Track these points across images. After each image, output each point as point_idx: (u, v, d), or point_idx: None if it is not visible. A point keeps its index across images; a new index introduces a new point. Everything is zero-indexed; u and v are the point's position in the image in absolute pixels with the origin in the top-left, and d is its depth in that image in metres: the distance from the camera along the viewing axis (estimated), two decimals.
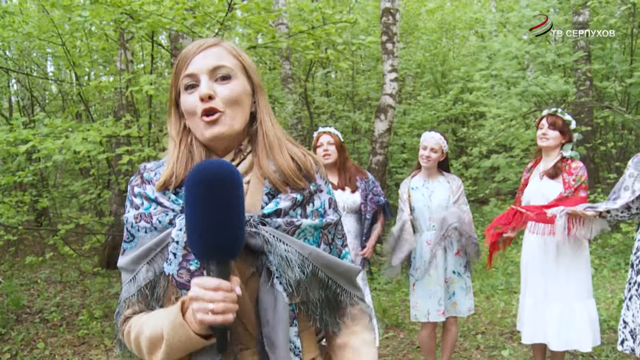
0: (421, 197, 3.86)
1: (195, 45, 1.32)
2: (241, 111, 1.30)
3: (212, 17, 4.88)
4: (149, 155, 4.44)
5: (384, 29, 8.23)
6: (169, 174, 1.29)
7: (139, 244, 1.29)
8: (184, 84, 1.29)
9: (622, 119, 7.50)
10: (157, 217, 1.26)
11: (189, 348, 1.18)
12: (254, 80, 1.36)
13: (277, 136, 1.35)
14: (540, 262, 3.66)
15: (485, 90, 9.35)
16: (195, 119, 1.28)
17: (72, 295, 6.79)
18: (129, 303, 1.31)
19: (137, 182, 1.36)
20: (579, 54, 7.58)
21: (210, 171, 1.09)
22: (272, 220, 1.24)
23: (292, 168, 1.32)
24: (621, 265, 6.75)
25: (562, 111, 3.72)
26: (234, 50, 1.35)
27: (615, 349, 4.38)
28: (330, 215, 1.37)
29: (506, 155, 8.58)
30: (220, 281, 1.10)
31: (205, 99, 1.25)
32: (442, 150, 3.84)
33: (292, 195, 1.30)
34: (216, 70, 1.28)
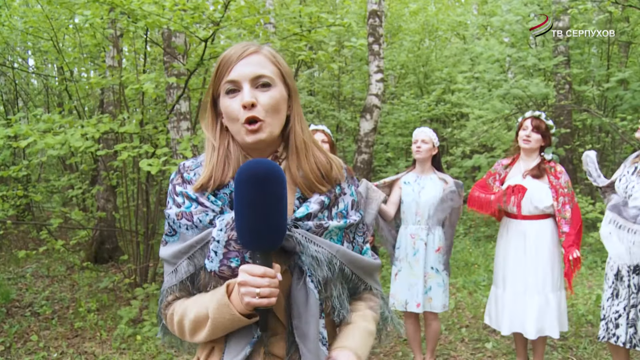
0: (411, 191, 4.02)
1: (237, 52, 1.39)
2: (279, 117, 1.41)
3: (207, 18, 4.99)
4: (148, 151, 4.53)
5: (371, 31, 8.40)
6: (208, 176, 1.39)
7: (181, 239, 1.41)
8: (226, 88, 1.39)
9: (599, 121, 7.78)
10: (198, 217, 1.37)
11: (233, 326, 1.32)
12: (290, 86, 1.46)
13: (306, 142, 1.45)
14: (519, 255, 3.84)
15: (467, 91, 9.58)
16: (237, 124, 1.38)
17: (61, 289, 6.84)
18: (171, 291, 1.44)
19: (178, 182, 1.45)
20: (559, 59, 7.83)
21: (261, 168, 1.22)
22: (304, 223, 1.37)
23: (316, 174, 1.43)
24: (597, 263, 7.02)
25: (545, 116, 3.93)
26: (273, 57, 1.43)
27: (593, 341, 4.62)
28: (353, 216, 1.49)
29: (488, 155, 8.81)
30: (266, 268, 1.25)
31: (248, 107, 1.34)
32: (433, 143, 4.01)
33: (320, 199, 1.42)
34: (257, 79, 1.37)
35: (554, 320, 3.78)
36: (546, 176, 3.80)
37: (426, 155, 4.02)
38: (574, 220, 3.73)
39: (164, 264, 1.47)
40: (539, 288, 3.78)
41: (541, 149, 3.90)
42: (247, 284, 1.24)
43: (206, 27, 5.07)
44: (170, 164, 4.42)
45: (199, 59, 5.13)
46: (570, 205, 3.74)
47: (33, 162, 5.42)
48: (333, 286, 1.41)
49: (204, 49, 5.05)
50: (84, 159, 7.99)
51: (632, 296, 3.33)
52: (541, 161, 3.87)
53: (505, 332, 3.90)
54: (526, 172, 3.88)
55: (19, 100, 11.44)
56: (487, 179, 4.10)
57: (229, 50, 1.42)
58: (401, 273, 4.02)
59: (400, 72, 12.46)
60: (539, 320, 3.77)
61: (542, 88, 7.21)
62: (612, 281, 3.46)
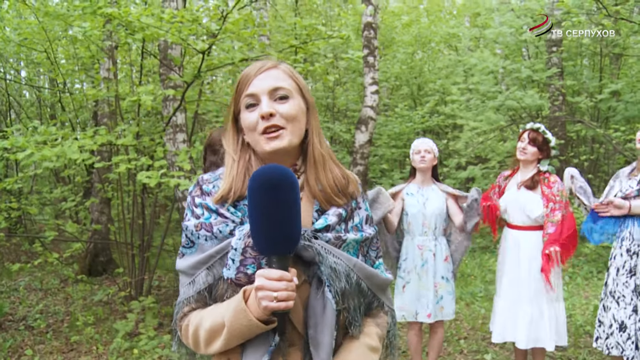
0: (416, 203, 4.02)
1: (255, 68, 1.44)
2: (298, 127, 1.43)
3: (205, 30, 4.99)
4: (146, 164, 4.51)
5: (366, 43, 8.44)
6: (227, 189, 1.42)
7: (199, 250, 1.43)
8: (245, 103, 1.42)
9: (593, 132, 7.84)
10: (218, 227, 1.40)
11: (249, 333, 1.32)
12: (308, 100, 1.49)
13: (324, 155, 1.48)
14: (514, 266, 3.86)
15: (461, 103, 9.63)
16: (255, 135, 1.41)
17: (55, 303, 6.77)
18: (187, 302, 1.44)
19: (197, 194, 1.48)
20: (553, 71, 7.90)
21: (274, 172, 1.25)
22: (323, 234, 1.40)
23: (333, 187, 1.46)
24: (594, 274, 7.04)
25: (544, 129, 3.96)
26: (290, 72, 1.47)
27: (592, 352, 4.62)
28: (368, 230, 1.53)
29: (482, 166, 8.85)
30: (282, 272, 1.26)
31: (267, 117, 1.38)
32: (434, 154, 4.03)
33: (338, 211, 1.45)
34: (275, 91, 1.40)
35: (548, 332, 3.76)
36: (539, 187, 3.83)
37: (430, 165, 4.04)
38: (565, 227, 3.72)
39: (180, 276, 1.48)
40: (532, 298, 3.78)
41: (539, 161, 3.93)
42: (264, 287, 1.24)
43: (204, 40, 5.07)
44: (168, 177, 4.40)
45: (196, 71, 5.14)
46: (561, 212, 3.73)
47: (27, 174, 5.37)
48: (351, 299, 1.42)
49: (201, 61, 5.05)
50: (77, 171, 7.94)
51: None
52: (536, 173, 3.89)
53: (495, 339, 3.91)
54: (520, 183, 3.92)
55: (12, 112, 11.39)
56: (490, 192, 4.13)
57: (248, 68, 1.47)
58: (410, 285, 4.01)
59: (394, 84, 12.52)
60: (531, 330, 3.77)
61: (536, 100, 7.26)
62: (630, 298, 3.42)
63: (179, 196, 6.07)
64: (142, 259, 6.27)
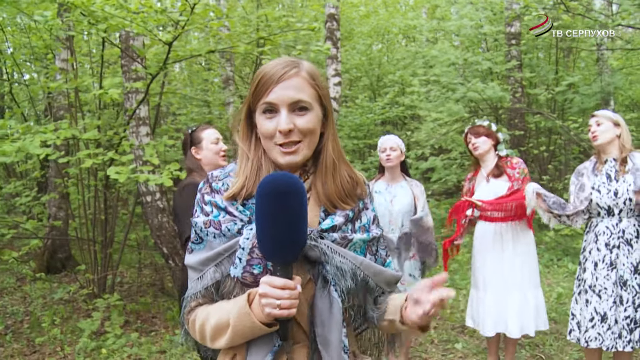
0: (383, 201, 4.02)
1: (277, 72, 1.39)
2: (314, 139, 1.43)
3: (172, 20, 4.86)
4: (112, 158, 4.37)
5: (328, 34, 8.42)
6: (240, 186, 1.42)
7: (207, 247, 1.44)
8: (263, 108, 1.40)
9: (551, 124, 8.05)
10: (226, 225, 1.40)
11: (253, 334, 1.34)
12: (327, 107, 1.47)
13: (335, 162, 1.47)
14: (497, 256, 3.93)
15: (420, 94, 9.73)
16: (271, 144, 1.40)
17: (13, 303, 6.53)
18: (195, 297, 1.46)
19: (206, 191, 1.48)
20: (512, 63, 8.06)
21: (282, 182, 1.25)
22: (329, 234, 1.41)
23: (340, 194, 1.47)
24: (554, 261, 7.25)
25: (475, 121, 4.10)
26: (312, 79, 1.42)
27: (558, 338, 4.76)
28: (375, 230, 1.54)
29: (444, 157, 8.97)
30: (286, 281, 1.27)
31: (285, 133, 1.36)
32: (401, 149, 4.04)
33: (345, 212, 1.46)
34: (296, 104, 1.38)
35: (531, 318, 3.89)
36: (504, 172, 3.93)
37: (396, 163, 4.05)
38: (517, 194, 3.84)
39: (189, 271, 1.50)
40: (518, 286, 3.89)
41: (495, 148, 4.02)
42: (267, 295, 1.26)
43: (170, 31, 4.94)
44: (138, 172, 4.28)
45: (162, 63, 5.00)
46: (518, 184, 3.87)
47: None
48: (355, 297, 1.46)
49: (167, 52, 4.92)
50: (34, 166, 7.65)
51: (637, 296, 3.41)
52: (498, 159, 3.98)
53: (490, 333, 3.96)
54: (488, 174, 3.99)
55: None
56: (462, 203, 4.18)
57: (269, 67, 1.42)
58: None
59: (355, 75, 12.54)
60: (520, 318, 3.87)
61: (498, 91, 7.40)
62: (612, 290, 3.51)
63: (143, 190, 5.93)
64: (104, 256, 6.10)
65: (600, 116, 3.58)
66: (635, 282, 3.41)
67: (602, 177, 3.56)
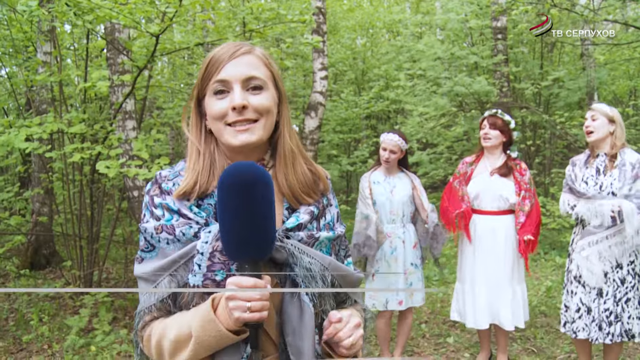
0: (383, 191, 4.02)
1: (228, 51, 1.31)
2: (270, 121, 1.33)
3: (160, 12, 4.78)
4: (100, 152, 4.29)
5: (315, 28, 8.37)
6: (193, 182, 1.30)
7: (160, 255, 1.31)
8: (214, 89, 1.29)
9: (538, 118, 8.10)
10: (181, 230, 1.27)
11: (219, 345, 1.21)
12: (281, 90, 1.38)
13: (293, 150, 1.38)
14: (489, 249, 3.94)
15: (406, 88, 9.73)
16: (222, 125, 1.29)
17: None
18: (148, 311, 1.33)
19: (155, 193, 1.35)
20: (499, 58, 8.09)
21: (247, 171, 1.15)
22: (295, 233, 1.30)
23: (303, 185, 1.37)
24: (541, 255, 7.31)
25: (501, 112, 4.04)
26: (266, 58, 1.35)
27: (549, 331, 4.80)
28: (339, 228, 1.46)
29: (430, 151, 8.99)
30: (256, 280, 1.16)
31: (239, 109, 1.26)
32: (401, 149, 4.03)
33: (310, 209, 1.36)
34: (249, 80, 1.29)
35: (519, 311, 3.94)
36: (512, 174, 3.93)
37: (394, 164, 4.06)
38: (533, 216, 3.87)
39: (139, 282, 1.36)
40: (508, 280, 3.91)
41: (504, 145, 4.01)
42: (236, 297, 1.15)
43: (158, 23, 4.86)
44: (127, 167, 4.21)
45: (150, 55, 4.92)
46: (530, 201, 3.87)
47: None
48: (326, 300, 1.36)
49: (155, 45, 4.84)
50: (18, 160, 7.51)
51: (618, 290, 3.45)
52: (507, 159, 3.98)
53: (483, 326, 3.97)
54: (494, 170, 3.98)
55: None
56: (453, 181, 4.17)
57: (219, 49, 1.33)
58: (379, 274, 4.02)
59: (341, 69, 12.50)
60: (512, 310, 3.91)
61: (485, 86, 7.42)
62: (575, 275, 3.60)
63: (130, 185, 5.84)
64: (91, 251, 6.01)
65: (596, 111, 3.59)
66: (617, 276, 3.45)
67: (591, 170, 3.61)
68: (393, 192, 4.00)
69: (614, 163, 3.53)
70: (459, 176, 4.14)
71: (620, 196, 3.42)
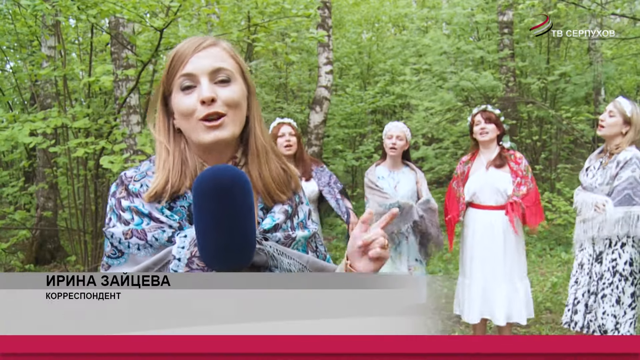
0: (387, 186, 4.01)
1: (193, 44, 1.27)
2: (240, 115, 1.28)
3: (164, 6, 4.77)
4: (104, 147, 4.28)
5: (320, 22, 8.34)
6: (164, 182, 1.24)
7: (130, 261, 1.23)
8: (180, 84, 1.25)
9: (544, 113, 8.05)
10: (153, 234, 1.21)
11: None
12: (249, 83, 1.34)
13: (265, 146, 1.34)
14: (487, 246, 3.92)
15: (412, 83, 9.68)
16: (192, 122, 1.24)
17: None
18: None
19: (122, 195, 1.27)
20: (505, 52, 8.04)
21: (225, 176, 1.11)
22: (272, 234, 1.27)
23: (277, 181, 1.34)
24: (546, 251, 7.27)
25: (491, 107, 4.05)
26: (231, 50, 1.31)
27: (554, 327, 4.77)
28: (312, 225, 1.42)
29: (435, 146, 8.95)
30: None
31: (208, 102, 1.21)
32: (407, 138, 4.01)
33: (284, 208, 1.33)
34: (217, 73, 1.25)
35: (521, 307, 3.90)
36: (507, 164, 3.90)
37: (400, 152, 4.02)
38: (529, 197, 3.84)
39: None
40: (507, 277, 3.87)
41: (498, 138, 3.99)
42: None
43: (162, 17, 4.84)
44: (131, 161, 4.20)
45: (154, 50, 4.91)
46: (526, 186, 3.85)
47: None
48: None
49: (159, 39, 4.82)
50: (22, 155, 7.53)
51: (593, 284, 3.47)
52: (501, 150, 3.96)
53: (474, 320, 3.96)
54: (488, 163, 3.96)
55: None
56: (452, 183, 4.16)
57: (183, 43, 1.29)
58: (383, 269, 4.00)
59: (346, 63, 12.46)
60: (508, 307, 3.87)
61: (491, 80, 7.38)
62: (575, 270, 3.61)
63: None
64: (95, 246, 6.01)
65: (617, 108, 3.53)
66: (595, 270, 3.46)
67: (597, 162, 3.61)
68: (397, 188, 3.98)
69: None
70: (457, 177, 4.13)
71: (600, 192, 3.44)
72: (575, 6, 7.46)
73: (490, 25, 9.05)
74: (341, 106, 11.17)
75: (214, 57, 1.25)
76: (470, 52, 8.31)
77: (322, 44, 8.33)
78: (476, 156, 4.09)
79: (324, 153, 10.74)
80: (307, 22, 10.33)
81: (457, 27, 9.41)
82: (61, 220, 6.82)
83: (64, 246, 7.74)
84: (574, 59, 10.46)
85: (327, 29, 8.34)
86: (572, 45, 10.62)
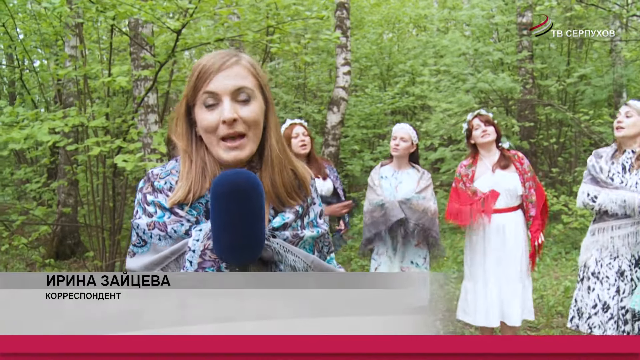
0: (388, 186, 4.05)
1: (216, 62, 1.34)
2: (259, 131, 1.38)
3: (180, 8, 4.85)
4: (120, 146, 4.38)
5: (338, 23, 8.39)
6: (186, 191, 1.34)
7: (152, 250, 1.35)
8: (204, 100, 1.34)
9: (562, 116, 7.98)
10: (172, 227, 1.33)
11: None
12: (268, 97, 1.42)
13: (279, 156, 1.42)
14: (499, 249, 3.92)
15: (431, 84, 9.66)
16: (213, 138, 1.34)
17: None
18: None
19: (148, 190, 1.39)
20: (524, 54, 7.98)
21: (242, 180, 1.21)
22: (281, 232, 1.36)
23: (288, 190, 1.43)
24: (562, 254, 7.21)
25: (484, 111, 4.14)
26: (253, 68, 1.39)
27: (565, 332, 4.74)
28: (323, 226, 1.51)
29: (453, 147, 8.92)
30: None
31: (229, 123, 1.31)
32: (412, 140, 4.04)
33: (295, 208, 1.43)
34: (238, 92, 1.33)
35: (529, 304, 3.97)
36: (512, 164, 3.94)
37: (403, 153, 4.05)
38: (539, 200, 3.90)
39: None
40: (518, 276, 3.91)
41: (496, 141, 4.03)
42: None
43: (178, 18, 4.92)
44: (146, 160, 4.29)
45: (171, 51, 4.99)
46: (534, 189, 3.90)
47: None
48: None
49: (175, 40, 4.91)
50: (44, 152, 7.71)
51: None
52: (503, 151, 4.00)
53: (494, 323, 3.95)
54: (494, 165, 3.96)
55: None
56: (457, 185, 4.12)
57: (207, 59, 1.37)
58: (381, 268, 4.04)
59: (365, 64, 12.48)
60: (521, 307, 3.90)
61: (508, 82, 7.34)
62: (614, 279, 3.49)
63: None
64: (112, 242, 6.13)
65: (632, 108, 3.49)
66: (636, 275, 3.40)
67: (617, 166, 3.53)
68: (398, 189, 4.01)
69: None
70: (461, 178, 4.10)
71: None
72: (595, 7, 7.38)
73: (510, 27, 8.99)
74: (360, 106, 11.20)
75: (235, 76, 1.33)
76: (488, 54, 8.27)
77: (340, 45, 8.37)
78: (477, 160, 4.09)
79: (342, 153, 10.78)
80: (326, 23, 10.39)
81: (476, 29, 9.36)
82: (81, 216, 6.96)
83: (84, 242, 7.90)
84: (596, 61, 10.34)
85: (345, 30, 8.37)
86: (594, 47, 10.48)
